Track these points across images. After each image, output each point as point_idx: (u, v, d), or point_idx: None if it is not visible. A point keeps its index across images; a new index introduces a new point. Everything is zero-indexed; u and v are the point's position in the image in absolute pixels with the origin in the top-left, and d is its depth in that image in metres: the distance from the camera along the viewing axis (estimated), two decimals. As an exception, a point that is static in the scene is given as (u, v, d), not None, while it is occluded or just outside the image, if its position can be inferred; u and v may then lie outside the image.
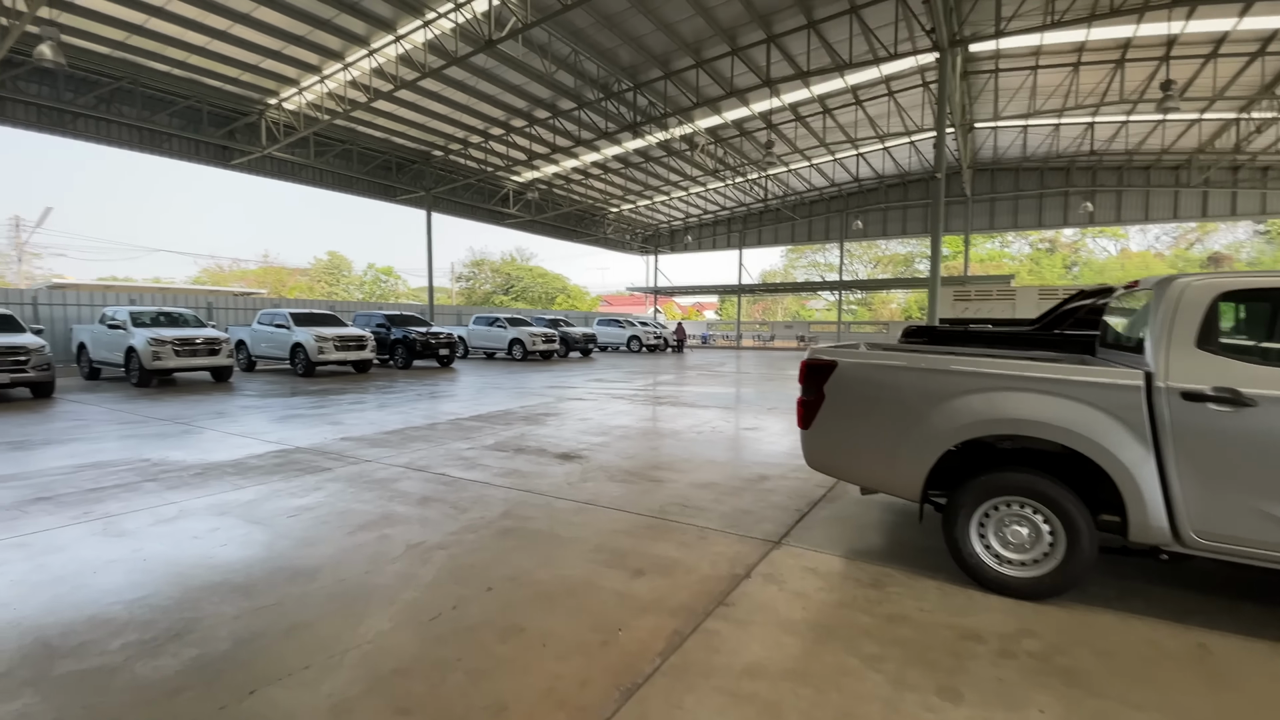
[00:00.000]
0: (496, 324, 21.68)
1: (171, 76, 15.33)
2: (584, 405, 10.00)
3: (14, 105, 14.18)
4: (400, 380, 14.02)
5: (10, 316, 11.11)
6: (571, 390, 12.21)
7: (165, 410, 9.14)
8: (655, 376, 15.67)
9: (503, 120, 19.86)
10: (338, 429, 7.69)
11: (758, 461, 6.07)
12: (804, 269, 61.91)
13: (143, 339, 12.10)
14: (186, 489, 4.93)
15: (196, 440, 6.89)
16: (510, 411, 9.26)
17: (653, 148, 23.53)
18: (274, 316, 15.84)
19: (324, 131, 19.30)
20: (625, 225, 36.51)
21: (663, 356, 25.42)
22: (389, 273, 55.20)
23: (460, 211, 27.32)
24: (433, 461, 5.94)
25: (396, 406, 9.70)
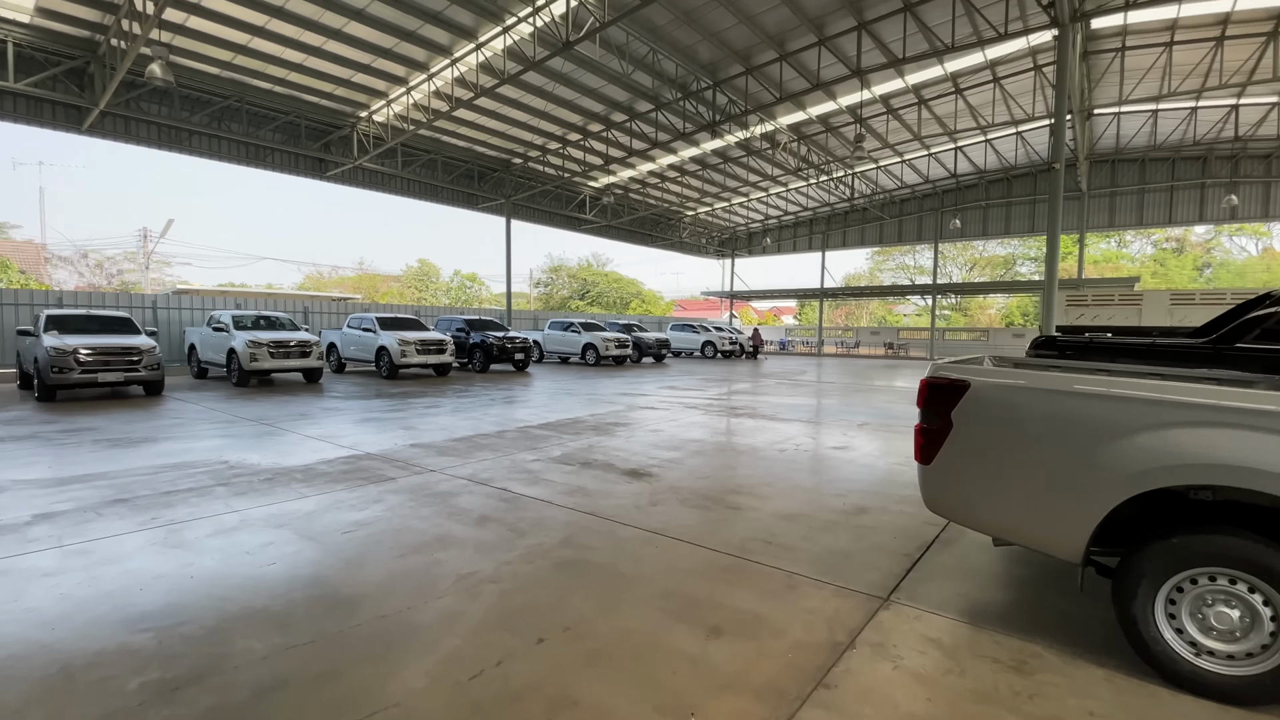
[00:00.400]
0: (570, 329, 21.68)
1: (273, 94, 16.33)
2: (655, 415, 9.52)
3: (139, 124, 15.57)
4: (476, 384, 14.12)
5: (128, 319, 12.02)
6: (643, 398, 11.78)
7: (254, 410, 9.48)
8: (731, 384, 14.98)
9: (580, 125, 19.84)
10: (410, 434, 7.61)
11: (852, 488, 5.34)
12: (891, 272, 58.79)
13: (242, 341, 12.80)
14: (253, 496, 4.86)
15: (276, 443, 6.97)
16: (579, 420, 8.92)
17: (731, 148, 22.83)
18: (361, 321, 16.46)
19: (410, 142, 20.02)
20: (701, 228, 35.88)
21: (738, 363, 24.58)
22: (473, 279, 57.31)
23: (538, 218, 27.70)
24: (496, 474, 5.64)
25: (469, 411, 9.62)
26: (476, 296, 55.08)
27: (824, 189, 29.06)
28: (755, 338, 28.22)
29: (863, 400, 12.04)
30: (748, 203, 31.38)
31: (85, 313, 11.69)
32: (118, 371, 10.57)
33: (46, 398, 10.25)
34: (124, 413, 9.09)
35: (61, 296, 15.30)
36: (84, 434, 7.36)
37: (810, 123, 20.89)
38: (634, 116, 18.98)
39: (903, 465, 6.29)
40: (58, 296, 15.25)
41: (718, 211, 32.83)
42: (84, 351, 10.21)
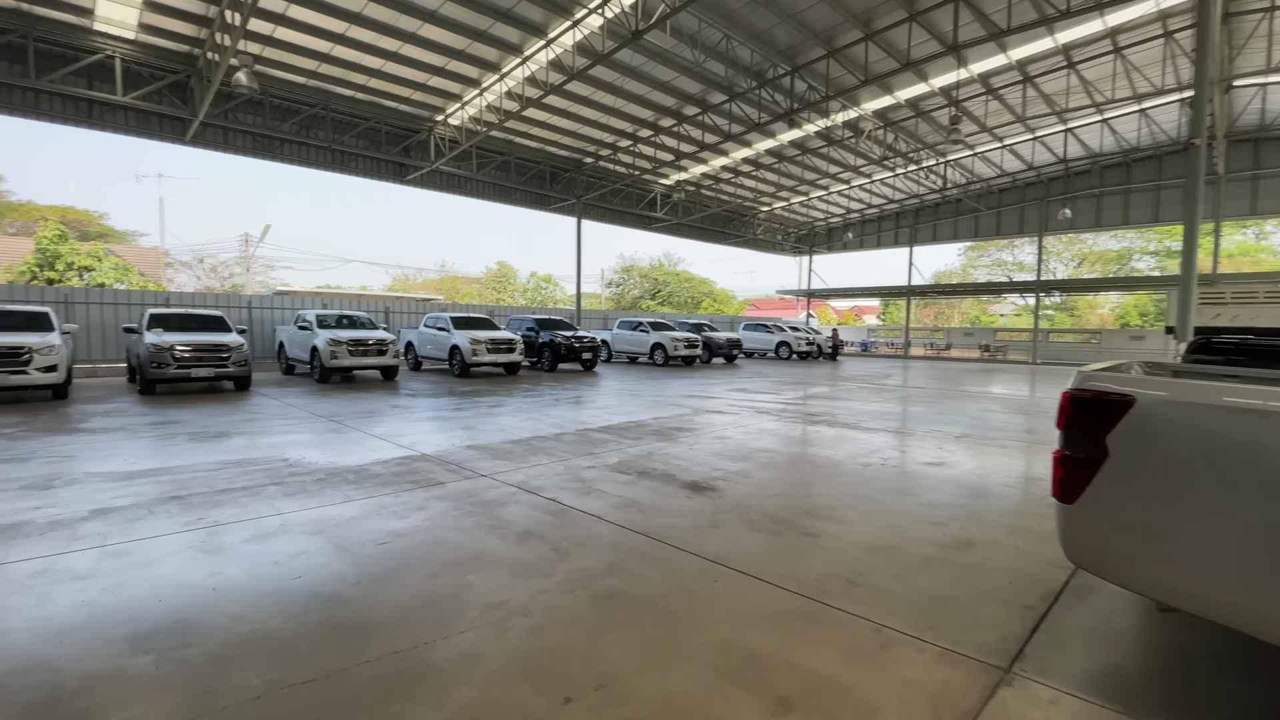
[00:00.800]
0: (639, 328, 21.32)
1: (356, 101, 16.98)
2: (723, 420, 8.91)
3: (235, 134, 16.63)
4: (544, 383, 14.00)
5: (220, 318, 12.72)
6: (711, 401, 11.17)
7: (327, 407, 9.68)
8: (807, 388, 14.07)
9: (651, 121, 19.44)
10: (469, 434, 7.42)
11: (953, 515, 4.55)
12: (986, 268, 54.71)
13: (323, 339, 13.27)
14: (300, 498, 4.72)
15: (338, 441, 6.96)
16: (641, 423, 8.46)
17: (810, 138, 21.70)
18: (436, 320, 16.80)
19: (484, 145, 20.34)
20: (777, 224, 34.60)
21: (815, 365, 23.37)
22: (548, 280, 58.40)
23: (609, 217, 27.57)
24: (547, 482, 5.26)
25: (530, 412, 9.39)
26: (551, 297, 56.07)
27: (912, 179, 27.22)
28: (834, 338, 26.82)
29: (957, 408, 10.87)
30: (827, 196, 29.92)
31: (183, 311, 12.47)
32: (209, 367, 11.15)
33: (146, 391, 10.95)
34: (210, 407, 9.51)
35: (169, 297, 16.56)
36: (168, 427, 7.67)
37: (898, 108, 19.47)
38: (706, 109, 18.35)
39: (1014, 488, 5.39)
40: (164, 297, 16.52)
41: (794, 206, 31.53)
42: (179, 348, 10.82)
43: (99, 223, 46.98)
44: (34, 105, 13.69)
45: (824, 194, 29.48)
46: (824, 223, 35.49)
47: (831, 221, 35.17)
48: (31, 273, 22.00)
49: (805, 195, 29.51)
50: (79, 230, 44.68)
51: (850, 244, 35.06)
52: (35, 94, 13.69)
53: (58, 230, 23.05)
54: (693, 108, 18.51)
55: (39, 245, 22.48)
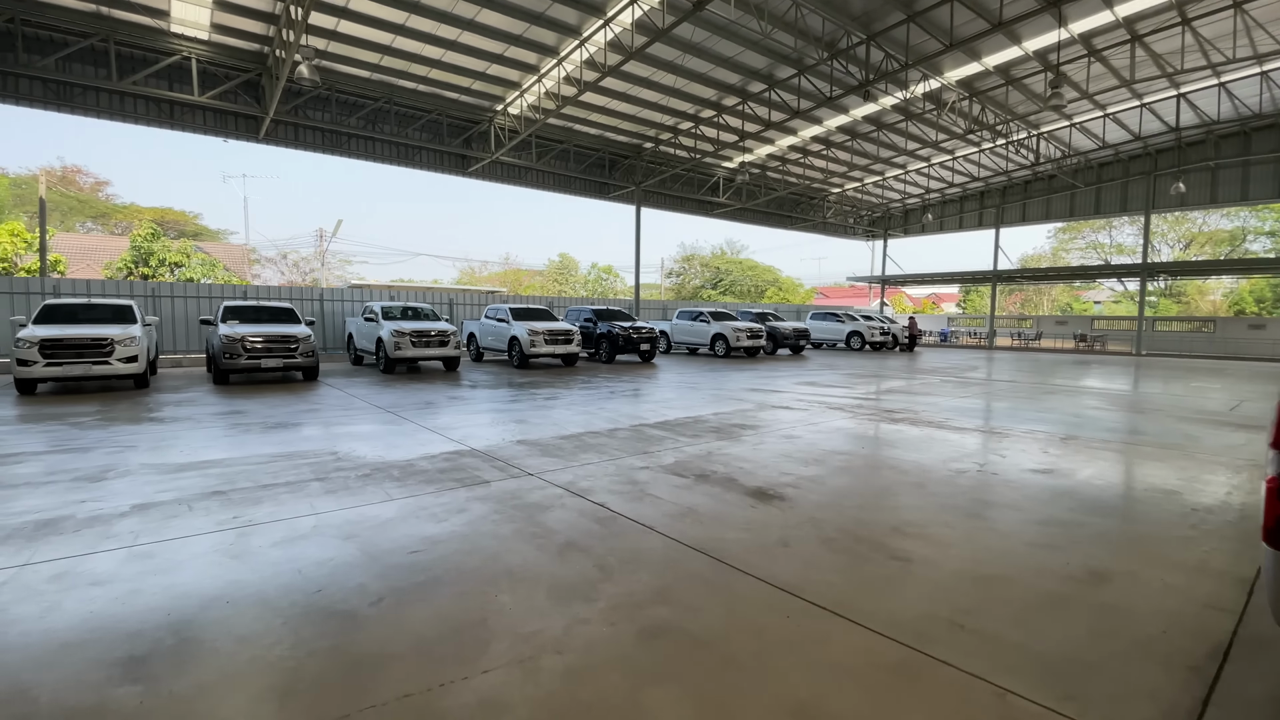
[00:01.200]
0: (699, 318, 20.67)
1: (418, 93, 17.13)
2: (790, 417, 8.23)
3: (305, 131, 17.14)
4: (601, 375, 13.67)
5: (290, 310, 13.06)
6: (776, 395, 10.46)
7: (387, 398, 9.67)
8: (883, 382, 13.07)
9: (713, 100, 18.63)
10: (520, 429, 7.13)
11: (1072, 537, 3.78)
12: (1080, 251, 50.40)
13: (388, 331, 13.44)
14: (341, 495, 4.49)
15: (390, 433, 6.80)
16: (700, 419, 7.91)
17: (886, 112, 20.26)
18: (496, 311, 16.79)
19: (543, 134, 20.15)
20: (848, 207, 32.83)
21: (890, 356, 21.99)
22: (609, 271, 58.39)
23: (669, 204, 26.93)
24: (597, 484, 4.83)
25: (585, 405, 9.03)
26: (612, 288, 56.05)
27: (1000, 155, 25.10)
28: (911, 327, 25.19)
29: (1058, 405, 9.69)
30: (904, 175, 28.07)
31: (256, 304, 12.89)
32: (277, 357, 11.43)
33: (221, 381, 11.35)
34: (276, 397, 9.69)
35: (246, 290, 17.32)
36: (232, 418, 7.78)
37: (985, 75, 17.81)
38: (773, 84, 17.38)
39: (1144, 503, 4.51)
40: (242, 290, 17.29)
41: (868, 187, 29.79)
42: (250, 339, 11.14)
43: (194, 222, 50.63)
44: (119, 108, 14.55)
45: (900, 173, 27.70)
46: (900, 204, 33.43)
47: (908, 202, 33.08)
48: (128, 269, 23.79)
49: (880, 175, 27.81)
50: (176, 230, 48.37)
51: (929, 226, 32.89)
52: (120, 97, 14.52)
53: (151, 229, 24.80)
54: (758, 84, 17.58)
55: (134, 243, 24.28)
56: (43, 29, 12.88)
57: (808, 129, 21.45)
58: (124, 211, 49.98)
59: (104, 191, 50.56)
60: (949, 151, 24.87)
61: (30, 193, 45.38)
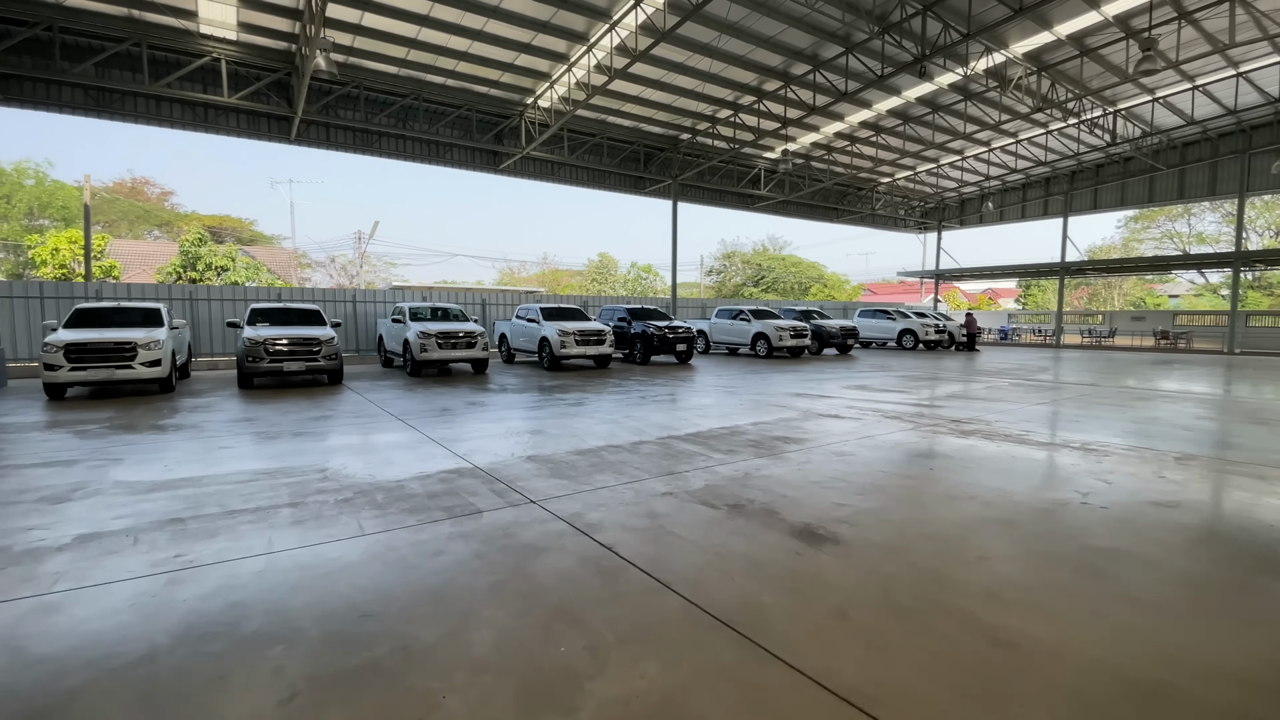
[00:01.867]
0: (739, 317, 19.65)
1: (447, 89, 16.71)
2: (841, 428, 7.24)
3: (337, 131, 16.98)
4: (633, 377, 12.89)
5: (315, 311, 12.77)
6: (824, 401, 9.43)
7: (403, 404, 9.14)
8: (943, 385, 11.83)
9: (754, 86, 17.56)
10: (535, 441, 6.41)
11: (1249, 610, 2.75)
12: (1155, 241, 46.72)
13: (414, 332, 13.01)
14: (308, 528, 3.84)
15: (392, 446, 6.19)
16: (738, 430, 7.01)
17: (943, 92, 18.74)
18: (527, 311, 16.23)
19: (575, 127, 19.48)
20: (899, 197, 30.97)
21: (946, 356, 20.44)
22: (648, 270, 57.62)
23: (707, 198, 25.90)
24: (608, 516, 4.03)
25: (611, 412, 8.25)
26: (651, 287, 55.28)
27: (1068, 136, 23.10)
28: (969, 324, 23.46)
29: (1156, 413, 8.34)
30: (960, 161, 26.21)
31: (282, 306, 12.64)
32: (300, 360, 11.09)
33: (245, 385, 11.08)
34: (293, 402, 9.28)
35: (280, 292, 17.28)
36: (238, 425, 7.33)
37: (1057, 46, 16.18)
38: (819, 66, 16.21)
39: (1331, 558, 3.39)
40: (277, 292, 17.25)
41: (921, 176, 28.00)
42: (272, 342, 10.84)
43: (249, 228, 52.48)
44: (155, 112, 14.62)
45: (957, 159, 25.88)
46: (955, 193, 31.40)
47: (965, 191, 31.03)
48: (176, 273, 24.46)
49: (934, 162, 26.06)
50: (234, 236, 50.22)
51: (989, 215, 30.78)
52: (156, 101, 14.60)
53: (198, 234, 25.45)
54: (802, 66, 16.43)
55: (182, 248, 24.94)
56: (80, 35, 12.98)
57: (856, 113, 20.11)
58: (186, 219, 52.18)
59: (169, 201, 53.06)
60: (1011, 134, 23.00)
61: (105, 204, 47.93)
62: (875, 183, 28.60)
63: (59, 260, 21.88)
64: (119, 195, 49.14)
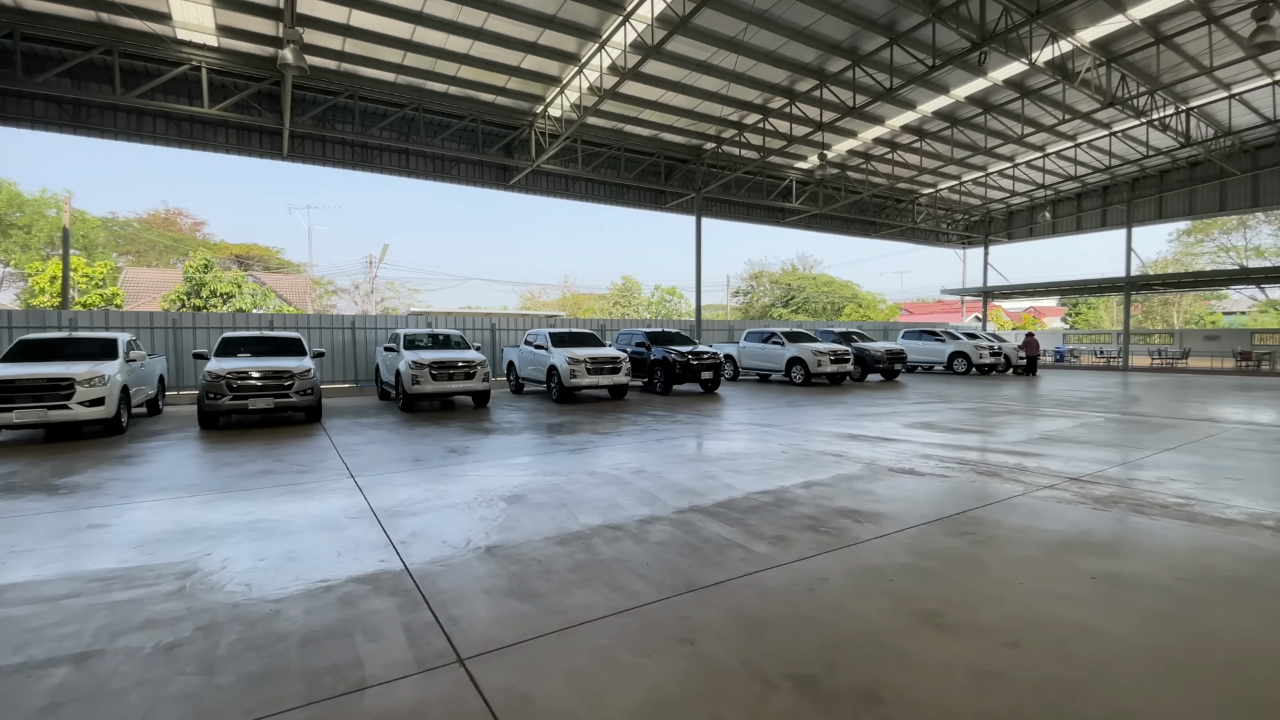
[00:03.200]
0: (771, 340, 17.81)
1: (449, 97, 15.47)
2: (926, 490, 5.37)
3: (332, 146, 15.89)
4: (652, 411, 11.15)
5: (295, 340, 11.40)
6: (887, 446, 7.52)
7: (373, 452, 7.55)
8: (1023, 421, 9.80)
9: (785, 85, 15.94)
10: (506, 516, 4.73)
11: None
12: (1209, 255, 43.60)
13: (406, 362, 11.54)
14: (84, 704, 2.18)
15: (312, 525, 4.56)
16: (785, 496, 5.20)
17: (996, 89, 16.85)
18: (535, 337, 14.71)
19: (590, 137, 18.11)
20: (942, 210, 28.76)
21: (1004, 381, 18.23)
22: (673, 292, 56.11)
23: (734, 212, 24.25)
24: (579, 709, 2.28)
25: (618, 464, 6.52)
26: (675, 310, 53.73)
27: (1134, 139, 20.94)
28: (1028, 346, 21.16)
29: (1344, 467, 6.25)
30: (1011, 170, 24.06)
31: (257, 335, 11.31)
32: (268, 396, 9.66)
33: (207, 425, 9.69)
34: (245, 449, 7.77)
35: (272, 319, 16.02)
36: (146, 487, 5.81)
37: (1129, 32, 14.28)
38: (859, 60, 14.54)
39: None
40: (269, 319, 15.99)
41: (966, 185, 25.87)
42: (240, 376, 9.47)
43: (276, 256, 52.71)
44: (136, 127, 13.68)
45: (1007, 166, 23.74)
46: (1003, 205, 29.09)
47: (1013, 203, 28.71)
48: (180, 300, 23.72)
49: (981, 170, 23.99)
50: (261, 264, 50.42)
51: (1040, 228, 28.45)
52: (137, 115, 13.69)
53: (204, 260, 24.73)
54: (839, 60, 14.76)
55: (186, 274, 24.24)
56: (47, 43, 12.05)
57: (898, 116, 18.34)
58: (215, 248, 52.71)
59: (201, 231, 53.82)
60: (1069, 137, 20.91)
61: (135, 234, 48.60)
62: (916, 194, 26.62)
63: (56, 289, 21.31)
64: (152, 226, 49.87)
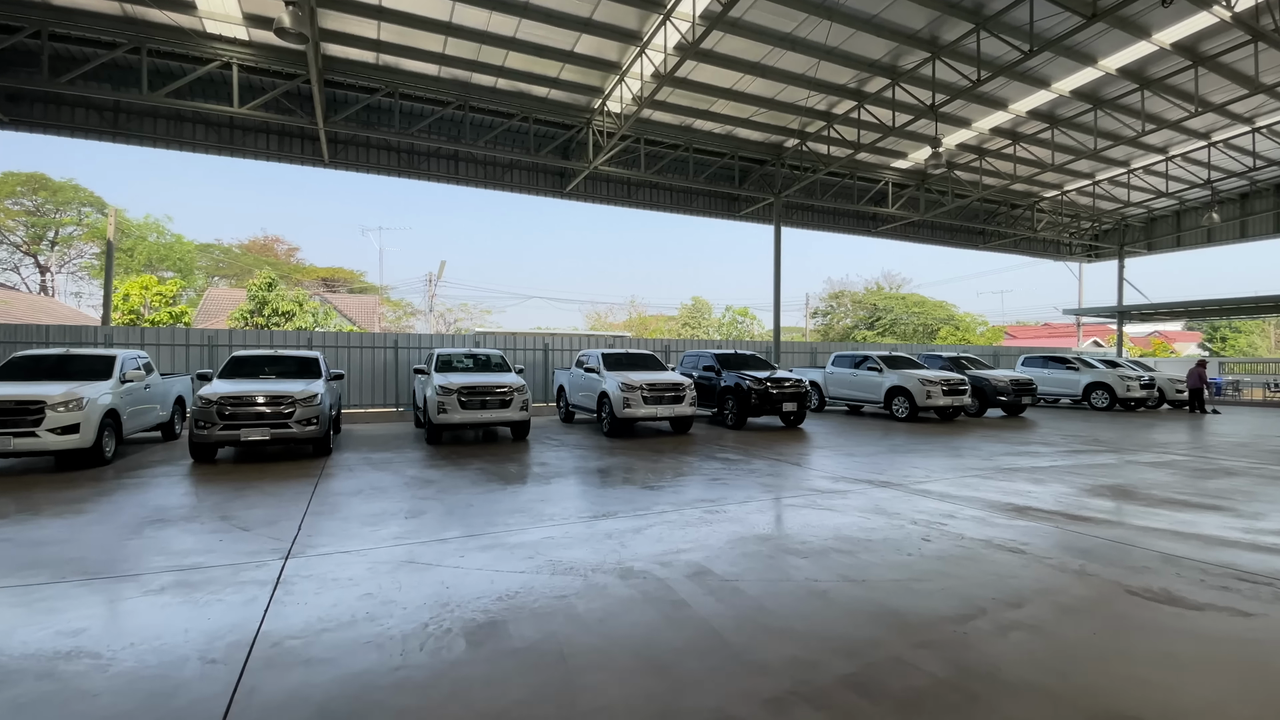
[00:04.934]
0: (866, 365, 15.06)
1: (497, 92, 13.97)
2: (1231, 643, 2.78)
3: (376, 152, 14.88)
4: (722, 454, 8.84)
5: (312, 360, 10.04)
6: (1078, 526, 4.86)
7: (358, 507, 5.73)
8: (1256, 488, 6.72)
9: (887, 62, 13.29)
10: (457, 678, 2.63)
11: None
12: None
13: (433, 388, 9.89)
14: None
15: (163, 651, 2.63)
16: (968, 659, 2.78)
17: (1158, 56, 13.41)
18: (588, 358, 12.80)
19: (654, 135, 16.16)
20: (1067, 216, 24.43)
21: (1162, 420, 14.54)
22: (744, 313, 53.33)
23: (817, 220, 21.59)
24: None
25: (666, 564, 4.31)
26: (748, 331, 50.87)
27: (1332, 119, 16.66)
28: (1196, 376, 17.16)
29: None
30: (1164, 162, 19.71)
31: (270, 353, 9.99)
32: (265, 426, 8.17)
33: (200, 457, 8.34)
34: (212, 492, 6.15)
35: (311, 337, 14.92)
36: (55, 552, 4.17)
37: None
38: (983, 22, 11.71)
39: None
40: (307, 336, 14.92)
41: (1102, 185, 21.80)
42: (234, 402, 8.09)
43: (360, 279, 54.55)
44: (175, 134, 13.18)
45: (1158, 160, 19.52)
46: (1143, 209, 24.43)
47: (1157, 206, 24.05)
48: (244, 317, 23.78)
49: (1124, 165, 19.93)
50: (346, 286, 52.24)
51: (1187, 238, 23.84)
52: (176, 121, 13.27)
53: (269, 279, 24.79)
54: (958, 24, 11.90)
55: (250, 293, 24.32)
56: (77, 42, 11.58)
57: (1025, 98, 15.18)
58: (303, 271, 55.22)
59: (295, 256, 56.84)
60: (1245, 120, 16.86)
61: (231, 259, 51.66)
62: (1037, 197, 22.85)
63: (129, 306, 21.75)
64: (251, 251, 52.90)
